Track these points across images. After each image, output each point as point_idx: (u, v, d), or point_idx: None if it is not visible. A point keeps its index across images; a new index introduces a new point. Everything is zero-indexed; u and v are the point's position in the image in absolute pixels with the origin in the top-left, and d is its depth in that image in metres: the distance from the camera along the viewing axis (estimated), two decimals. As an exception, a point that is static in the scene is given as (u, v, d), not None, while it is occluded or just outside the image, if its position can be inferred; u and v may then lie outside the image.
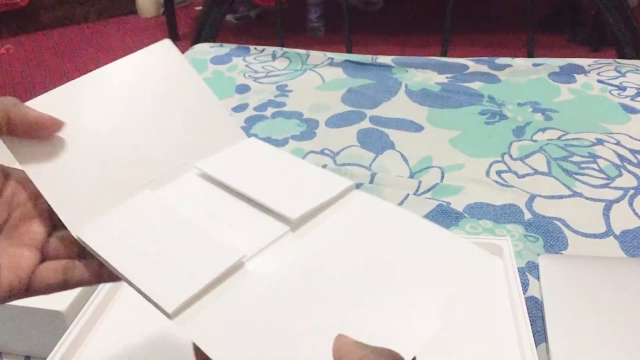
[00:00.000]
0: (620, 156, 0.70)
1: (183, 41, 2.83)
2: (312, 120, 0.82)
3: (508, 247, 0.51)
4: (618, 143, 0.73)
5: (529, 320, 0.44)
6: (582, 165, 0.68)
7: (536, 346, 0.43)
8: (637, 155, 0.70)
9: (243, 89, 0.93)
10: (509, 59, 0.99)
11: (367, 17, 2.90)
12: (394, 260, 0.31)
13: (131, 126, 0.35)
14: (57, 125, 0.32)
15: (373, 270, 0.30)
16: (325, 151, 0.74)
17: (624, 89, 0.87)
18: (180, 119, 0.37)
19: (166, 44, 0.39)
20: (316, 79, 0.96)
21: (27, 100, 0.32)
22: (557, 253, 0.55)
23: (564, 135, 0.75)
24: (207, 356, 0.26)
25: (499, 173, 0.68)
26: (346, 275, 0.30)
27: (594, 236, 0.57)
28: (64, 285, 0.31)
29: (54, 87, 0.35)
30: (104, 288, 0.49)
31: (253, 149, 0.39)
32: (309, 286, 0.29)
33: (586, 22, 2.50)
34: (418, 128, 0.79)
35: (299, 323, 0.27)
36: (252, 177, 0.36)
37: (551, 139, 0.75)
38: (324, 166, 0.70)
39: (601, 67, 0.94)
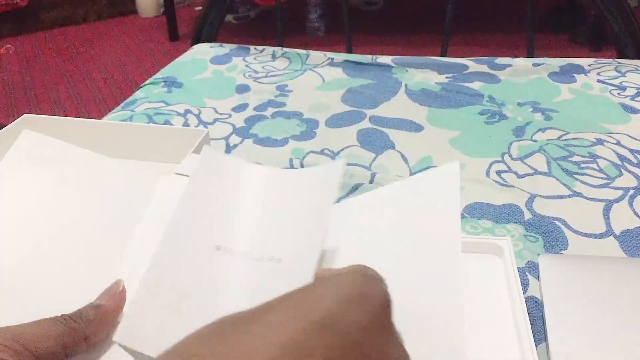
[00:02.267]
0: (620, 156, 0.70)
1: (183, 41, 2.83)
2: (312, 120, 0.82)
3: (508, 247, 0.51)
4: (618, 143, 0.73)
5: (529, 320, 0.44)
6: (582, 165, 0.68)
7: (536, 346, 0.43)
8: (637, 155, 0.70)
9: (243, 88, 0.93)
10: (509, 58, 0.99)
11: (367, 17, 2.91)
12: None
13: None
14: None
15: None
16: (325, 151, 0.74)
17: (624, 88, 0.87)
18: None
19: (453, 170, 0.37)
20: (316, 79, 0.96)
21: (24, 101, 0.33)
22: (557, 253, 0.55)
23: (564, 135, 0.75)
24: None
25: (498, 173, 0.68)
26: None
27: (594, 236, 0.57)
28: None
29: (54, 87, 0.36)
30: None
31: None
32: None
33: (586, 22, 2.51)
34: (418, 128, 0.79)
35: None
36: None
37: (551, 139, 0.75)
38: (324, 166, 0.70)
39: (601, 67, 0.94)
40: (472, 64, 0.97)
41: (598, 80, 0.90)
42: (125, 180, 0.40)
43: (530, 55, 1.07)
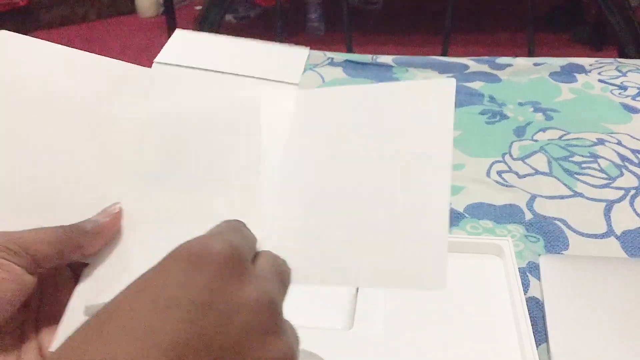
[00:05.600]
0: (621, 156, 0.70)
1: (183, 41, 2.82)
2: (312, 120, 0.82)
3: (509, 247, 0.51)
4: (619, 143, 0.73)
5: (529, 321, 0.44)
6: (583, 165, 0.68)
7: (537, 347, 0.43)
8: (638, 155, 0.70)
9: (243, 88, 0.93)
10: (510, 58, 0.98)
11: (367, 17, 2.90)
12: None
13: None
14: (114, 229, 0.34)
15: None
16: (326, 151, 0.74)
17: (625, 88, 0.87)
18: None
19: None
20: (316, 78, 0.95)
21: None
22: (558, 253, 0.55)
23: (564, 135, 0.75)
24: None
25: (499, 173, 0.68)
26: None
27: (595, 236, 0.57)
28: None
29: None
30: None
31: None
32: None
33: (587, 21, 2.50)
34: (418, 128, 0.79)
35: None
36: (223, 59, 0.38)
37: (552, 139, 0.74)
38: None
39: (602, 66, 0.94)
40: (472, 64, 0.97)
41: (599, 80, 0.90)
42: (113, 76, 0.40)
43: (531, 54, 1.07)
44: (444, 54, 1.07)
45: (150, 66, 0.40)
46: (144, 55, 2.69)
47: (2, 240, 0.29)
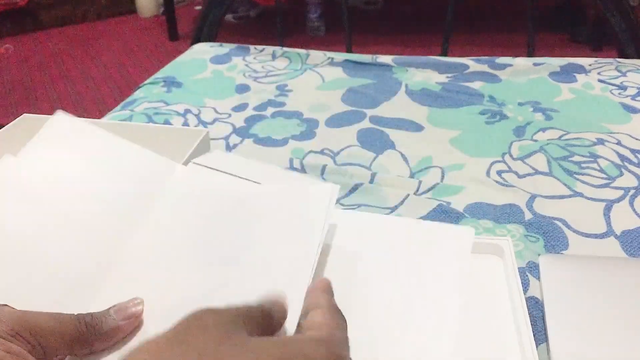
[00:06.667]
0: (621, 156, 0.70)
1: (182, 41, 2.82)
2: (312, 120, 0.82)
3: (508, 247, 0.51)
4: (619, 143, 0.73)
5: (529, 321, 0.44)
6: (583, 165, 0.68)
7: (537, 346, 0.43)
8: (637, 154, 0.70)
9: (243, 88, 0.93)
10: (510, 58, 0.98)
11: (367, 17, 2.90)
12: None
13: None
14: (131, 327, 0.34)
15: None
16: (325, 151, 0.74)
17: (624, 88, 0.87)
18: None
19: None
20: (316, 78, 0.95)
21: (24, 101, 0.34)
22: (558, 253, 0.55)
23: (564, 135, 0.75)
24: None
25: (499, 173, 0.68)
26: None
27: (595, 236, 0.57)
28: None
29: (54, 87, 0.37)
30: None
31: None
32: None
33: (587, 22, 2.50)
34: (418, 128, 0.79)
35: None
36: None
37: (552, 139, 0.74)
38: (324, 166, 0.70)
39: (602, 66, 0.94)
40: (472, 64, 0.97)
41: (599, 80, 0.90)
42: (142, 167, 0.43)
43: (530, 54, 1.07)
44: (443, 54, 1.07)
45: (150, 65, 0.42)
46: (144, 56, 2.68)
47: (20, 329, 0.29)
